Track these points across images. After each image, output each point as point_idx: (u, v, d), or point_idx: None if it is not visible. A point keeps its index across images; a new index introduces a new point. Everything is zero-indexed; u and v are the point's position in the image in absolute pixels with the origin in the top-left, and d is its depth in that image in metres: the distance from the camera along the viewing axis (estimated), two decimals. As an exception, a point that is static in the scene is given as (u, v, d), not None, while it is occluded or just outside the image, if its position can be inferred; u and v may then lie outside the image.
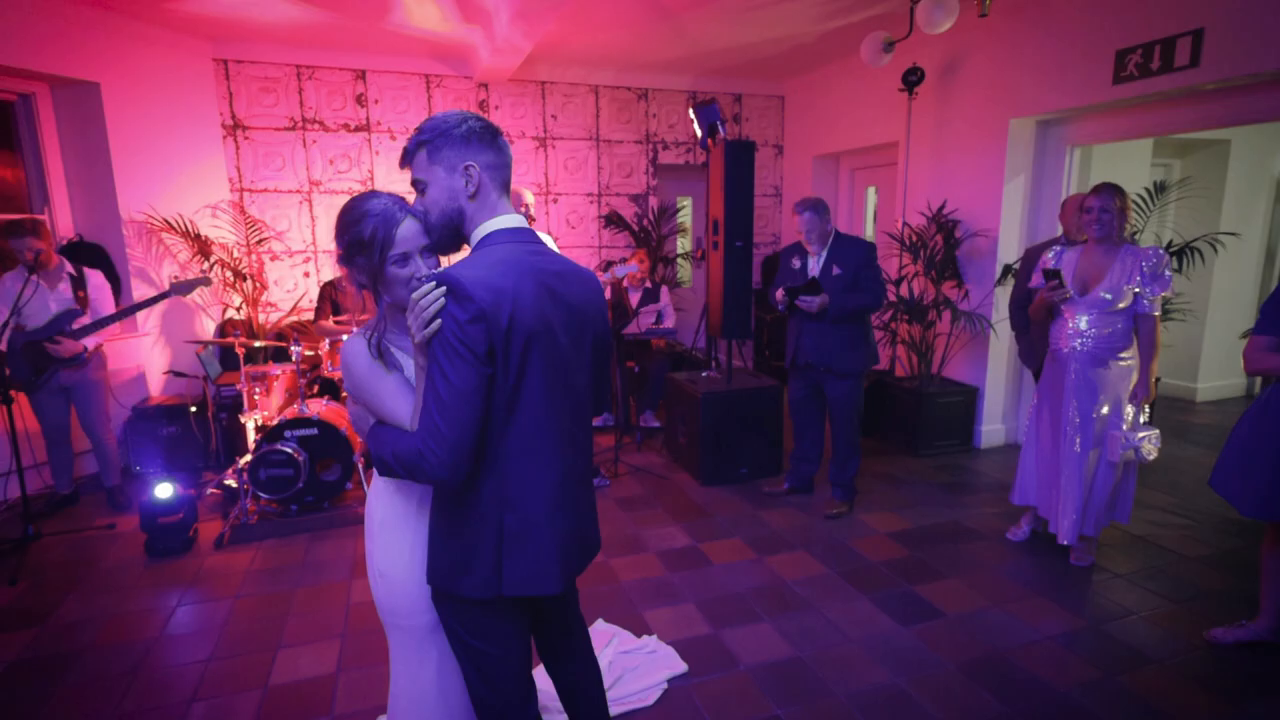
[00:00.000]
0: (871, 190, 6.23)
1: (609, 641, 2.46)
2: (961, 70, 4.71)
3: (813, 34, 5.03)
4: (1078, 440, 3.00)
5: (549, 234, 6.09)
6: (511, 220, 1.38)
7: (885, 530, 3.56)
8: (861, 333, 3.63)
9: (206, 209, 4.96)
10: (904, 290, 4.89)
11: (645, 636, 2.58)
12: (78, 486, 4.04)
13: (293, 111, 5.25)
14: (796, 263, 3.74)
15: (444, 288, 1.22)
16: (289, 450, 3.59)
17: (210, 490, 4.02)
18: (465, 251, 1.43)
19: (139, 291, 4.52)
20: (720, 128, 4.19)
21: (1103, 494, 3.02)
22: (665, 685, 2.31)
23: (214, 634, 2.71)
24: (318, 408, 3.79)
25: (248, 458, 3.61)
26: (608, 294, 5.23)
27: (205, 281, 3.82)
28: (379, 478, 1.48)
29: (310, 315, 5.32)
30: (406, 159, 1.39)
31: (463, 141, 1.34)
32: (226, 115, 5.09)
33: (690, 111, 4.28)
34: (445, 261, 1.49)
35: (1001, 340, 4.66)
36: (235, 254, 5.02)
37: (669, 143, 6.40)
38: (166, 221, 4.56)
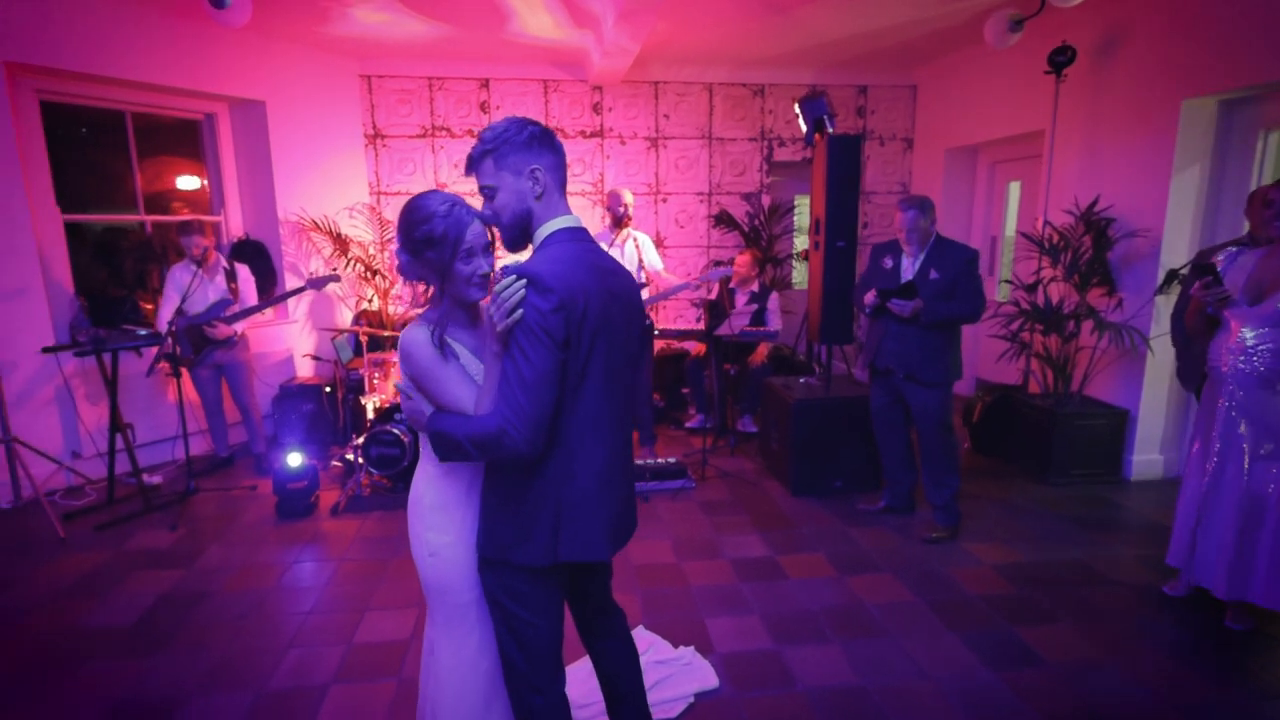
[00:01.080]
0: (1015, 186, 5.65)
1: (645, 649, 2.41)
2: (1121, 47, 4.14)
3: (947, 16, 4.65)
4: (1236, 476, 2.53)
5: (649, 234, 6.12)
6: (571, 220, 1.49)
7: (991, 562, 3.21)
8: (947, 340, 3.35)
9: (345, 210, 5.47)
10: (1039, 297, 4.38)
11: (682, 648, 2.51)
12: (234, 452, 4.63)
13: (424, 120, 5.67)
14: (889, 262, 3.49)
15: (524, 280, 1.32)
16: (397, 431, 3.88)
17: (333, 463, 4.45)
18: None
19: (290, 283, 5.08)
20: (828, 122, 3.98)
21: (1271, 553, 2.51)
22: (692, 699, 2.23)
23: (317, 591, 2.99)
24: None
25: (363, 436, 3.94)
26: (713, 294, 5.17)
27: (335, 278, 4.22)
28: (427, 465, 1.56)
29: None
30: (472, 166, 1.47)
31: (525, 147, 1.42)
32: (369, 125, 5.60)
33: (796, 106, 4.11)
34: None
35: (1162, 357, 4.03)
36: (370, 251, 5.51)
37: (785, 139, 6.19)
38: (314, 221, 5.10)
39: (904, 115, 6.36)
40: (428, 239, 1.45)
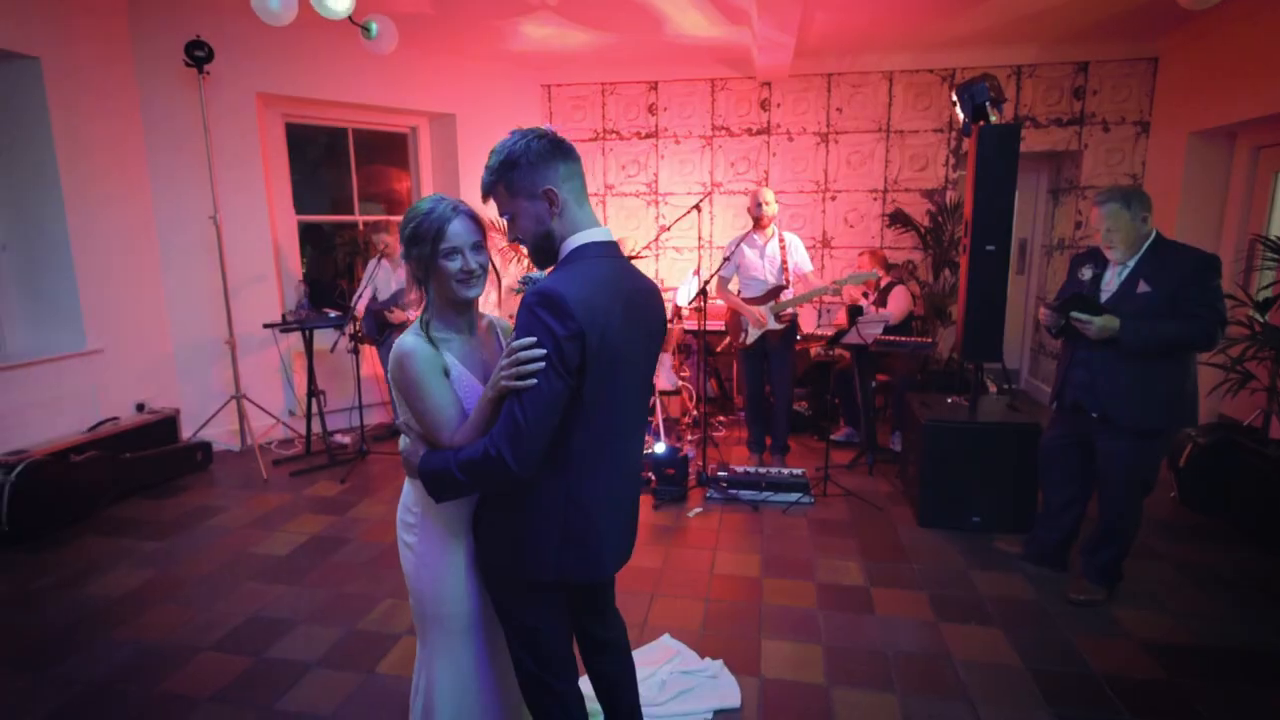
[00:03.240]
0: (1285, 176, 4.45)
1: (670, 658, 2.35)
2: None
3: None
4: None
5: (815, 235, 5.82)
6: (597, 234, 1.44)
7: (1143, 637, 2.61)
8: (1166, 372, 2.62)
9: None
10: (1275, 318, 3.43)
11: (709, 660, 2.41)
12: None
13: (596, 124, 5.99)
14: (1087, 272, 2.86)
15: (545, 351, 1.28)
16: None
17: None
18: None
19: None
20: (991, 109, 3.49)
21: None
22: (710, 716, 2.13)
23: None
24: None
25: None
26: (871, 298, 4.80)
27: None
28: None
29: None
30: (487, 195, 1.46)
31: (534, 166, 1.37)
32: (546, 132, 6.07)
33: (953, 94, 3.66)
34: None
35: None
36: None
37: (977, 129, 5.51)
38: (491, 221, 5.65)
39: (1137, 94, 5.30)
40: (413, 236, 1.48)
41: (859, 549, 3.35)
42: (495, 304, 5.18)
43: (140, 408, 4.33)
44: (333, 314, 4.52)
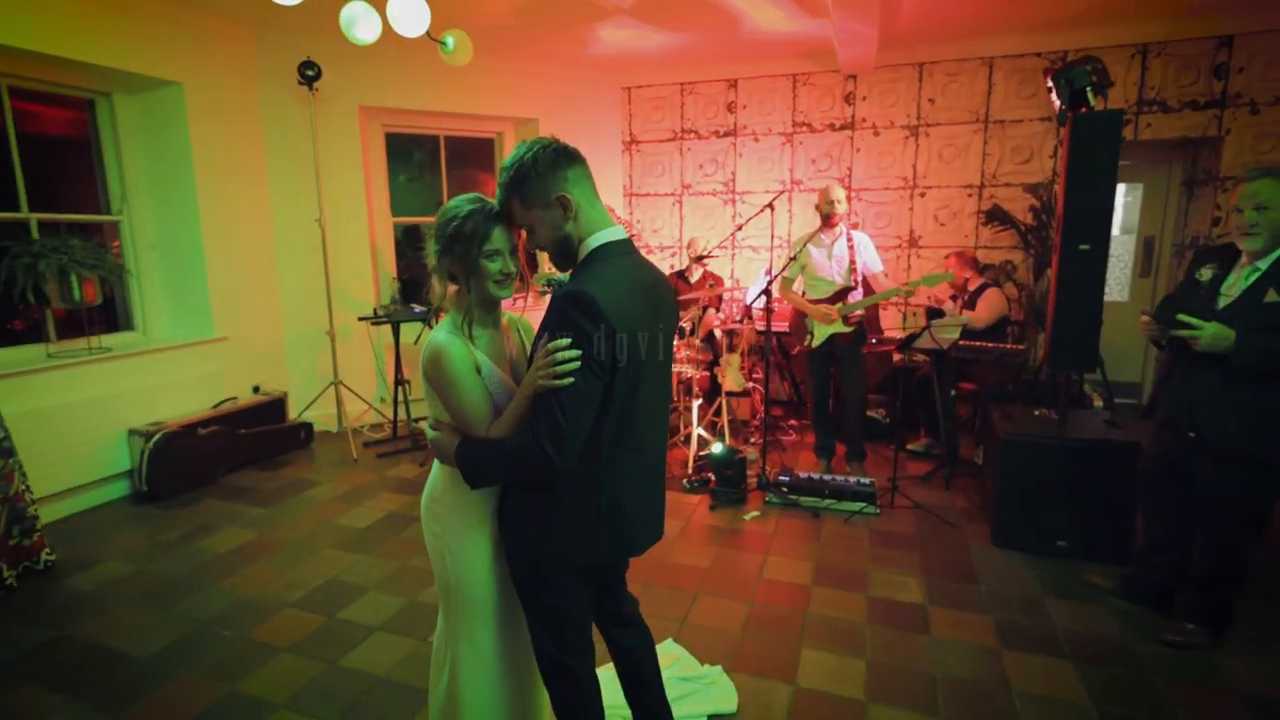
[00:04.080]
0: None
1: (671, 664, 2.32)
2: None
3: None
4: None
5: (902, 233, 5.55)
6: (613, 233, 1.49)
7: (1247, 690, 2.32)
8: None
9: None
10: None
11: (708, 666, 2.37)
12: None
13: (674, 124, 6.00)
14: (1206, 273, 2.53)
15: (580, 351, 1.36)
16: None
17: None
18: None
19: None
20: (1094, 94, 3.21)
21: None
22: None
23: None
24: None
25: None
26: (960, 300, 4.54)
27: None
28: (444, 466, 1.65)
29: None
30: (503, 211, 1.52)
31: (542, 177, 1.43)
32: (626, 133, 6.15)
33: (1049, 79, 3.38)
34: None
35: None
36: (621, 248, 6.07)
37: (1090, 117, 5.05)
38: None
39: (1295, 69, 4.67)
40: (455, 235, 1.51)
41: (921, 564, 3.18)
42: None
43: (256, 390, 4.79)
44: (417, 309, 4.81)
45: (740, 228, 4.70)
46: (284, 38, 4.65)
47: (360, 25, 2.87)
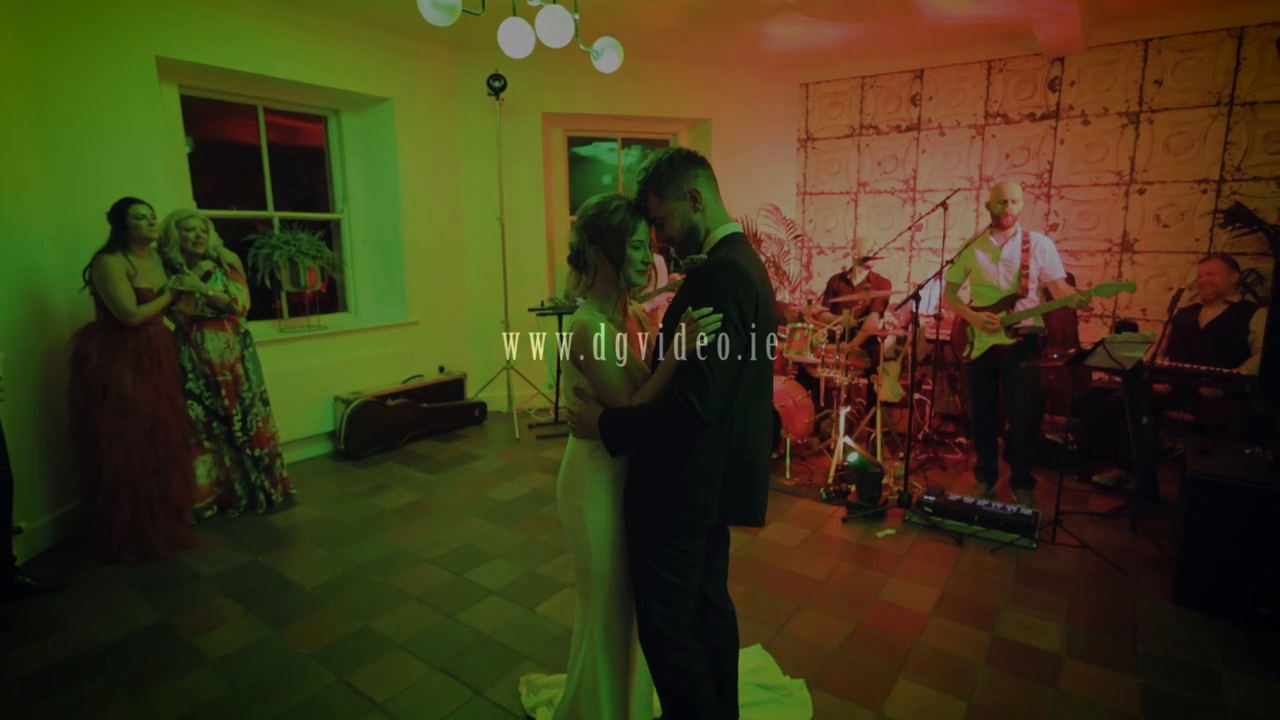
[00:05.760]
0: None
1: (752, 669, 2.27)
2: None
3: None
4: None
5: (1114, 237, 4.81)
6: (734, 226, 1.68)
7: None
8: None
9: (761, 209, 6.02)
10: None
11: (789, 679, 2.28)
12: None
13: (852, 120, 5.76)
14: None
15: (720, 316, 1.52)
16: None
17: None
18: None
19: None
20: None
21: None
22: None
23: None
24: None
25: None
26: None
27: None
28: (581, 444, 1.75)
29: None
30: (639, 205, 1.67)
31: (676, 173, 1.63)
32: (801, 130, 6.01)
33: (1277, 46, 2.77)
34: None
35: None
36: (785, 248, 5.97)
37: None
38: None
39: None
40: (606, 226, 1.64)
41: (1070, 610, 2.81)
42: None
43: (441, 369, 5.48)
44: (579, 302, 5.14)
45: (910, 227, 4.42)
46: (477, 54, 5.24)
47: (513, 43, 3.14)
